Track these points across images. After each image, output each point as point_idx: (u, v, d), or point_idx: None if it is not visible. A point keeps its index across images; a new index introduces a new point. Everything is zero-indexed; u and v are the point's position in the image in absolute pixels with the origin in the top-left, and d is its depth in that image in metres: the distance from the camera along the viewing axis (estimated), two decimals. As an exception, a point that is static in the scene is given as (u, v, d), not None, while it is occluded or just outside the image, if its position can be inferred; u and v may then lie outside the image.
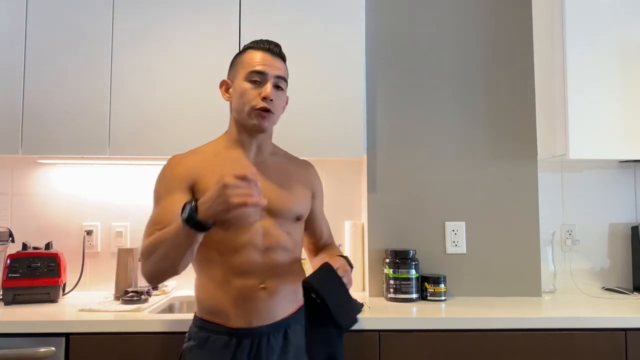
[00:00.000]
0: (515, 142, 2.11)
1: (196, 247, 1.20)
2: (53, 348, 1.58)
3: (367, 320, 1.65)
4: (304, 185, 1.48)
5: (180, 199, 1.29)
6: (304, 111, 1.95)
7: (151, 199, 1.39)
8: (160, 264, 1.22)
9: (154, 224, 1.30)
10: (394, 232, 2.08)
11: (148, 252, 1.24)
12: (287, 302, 1.37)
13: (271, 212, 1.37)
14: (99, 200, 2.22)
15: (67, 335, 1.60)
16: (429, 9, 2.16)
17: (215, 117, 1.91)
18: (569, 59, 1.94)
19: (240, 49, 1.43)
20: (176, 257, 1.20)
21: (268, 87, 1.35)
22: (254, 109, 1.35)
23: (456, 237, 2.07)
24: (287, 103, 1.49)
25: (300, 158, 1.56)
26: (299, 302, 1.40)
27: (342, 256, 1.40)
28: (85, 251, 2.17)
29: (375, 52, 2.14)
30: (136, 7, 1.95)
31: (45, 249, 1.98)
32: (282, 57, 1.42)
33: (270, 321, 1.34)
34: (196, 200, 1.15)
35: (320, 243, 1.59)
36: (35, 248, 1.97)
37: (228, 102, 1.45)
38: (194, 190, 1.34)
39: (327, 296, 1.20)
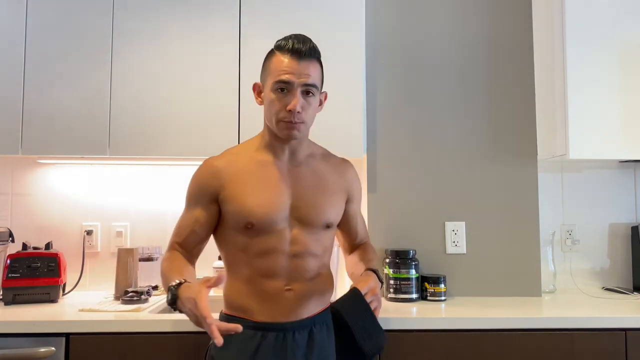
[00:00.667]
0: (515, 142, 2.11)
1: None
2: (53, 348, 1.58)
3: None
4: (339, 190, 1.44)
5: (200, 214, 1.36)
6: (304, 111, 1.95)
7: (151, 199, 1.41)
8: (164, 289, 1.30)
9: (176, 235, 1.40)
10: (394, 232, 2.08)
11: (161, 271, 1.34)
12: (313, 303, 1.37)
13: (301, 220, 1.36)
14: (99, 200, 2.22)
15: (67, 335, 1.60)
16: (429, 9, 2.16)
17: (215, 117, 1.91)
18: (569, 59, 1.94)
19: (271, 47, 1.37)
20: None
21: (294, 100, 1.29)
22: (280, 120, 1.31)
23: (456, 237, 2.07)
24: (325, 98, 1.43)
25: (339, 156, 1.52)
26: (325, 303, 1.41)
27: (373, 270, 1.40)
28: (85, 251, 2.17)
29: (376, 52, 2.14)
30: (136, 7, 1.95)
31: (45, 249, 1.98)
32: (313, 55, 1.33)
33: (296, 319, 1.34)
34: (179, 285, 1.20)
35: (355, 242, 1.57)
36: (35, 248, 1.97)
37: (260, 106, 1.41)
38: (219, 199, 1.35)
39: (352, 322, 1.22)
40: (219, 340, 1.07)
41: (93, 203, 2.21)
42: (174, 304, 1.19)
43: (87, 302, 1.88)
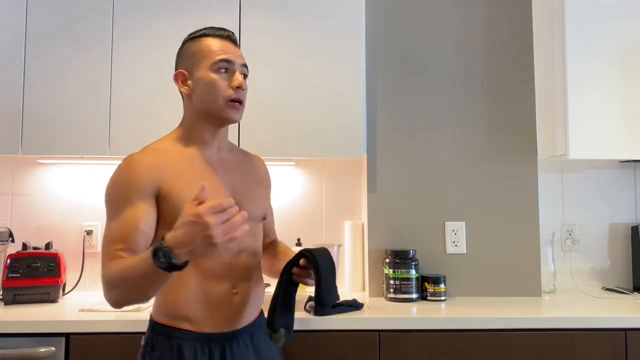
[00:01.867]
0: (515, 142, 2.11)
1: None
2: (53, 348, 1.58)
3: (367, 320, 1.65)
4: (261, 184, 1.43)
5: (144, 210, 1.19)
6: (304, 111, 1.95)
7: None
8: (130, 296, 1.12)
9: (116, 242, 1.16)
10: (394, 232, 2.08)
11: (113, 284, 1.12)
12: (253, 307, 1.32)
13: None
14: (99, 200, 2.22)
15: (67, 335, 1.60)
16: (429, 9, 2.16)
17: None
18: (569, 59, 1.94)
19: (188, 37, 1.35)
20: (151, 290, 1.10)
21: (239, 76, 1.28)
22: (227, 100, 1.27)
23: (456, 237, 2.07)
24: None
25: (250, 154, 1.50)
26: (259, 307, 1.37)
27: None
28: (85, 251, 2.17)
29: (375, 52, 2.14)
30: (136, 7, 1.95)
31: (45, 249, 1.98)
32: (238, 45, 1.35)
33: (239, 326, 1.28)
34: (162, 240, 1.03)
35: (267, 239, 1.53)
36: (35, 248, 1.97)
37: (187, 95, 1.32)
38: (158, 198, 1.22)
39: (323, 272, 1.25)
40: (244, 213, 1.01)
41: (93, 203, 2.21)
42: (172, 259, 1.01)
43: (87, 302, 1.88)
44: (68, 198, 2.21)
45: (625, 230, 2.28)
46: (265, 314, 1.34)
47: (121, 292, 1.11)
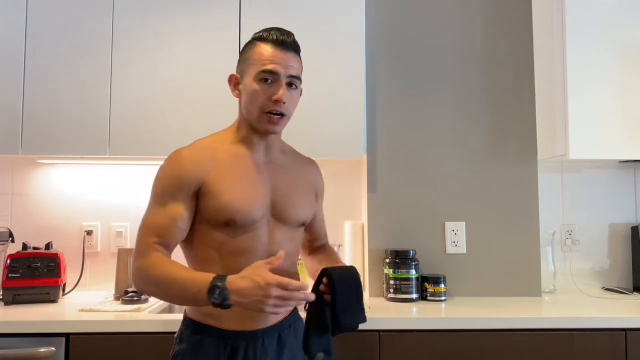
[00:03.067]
0: (515, 142, 2.11)
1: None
2: (53, 348, 1.58)
3: (367, 320, 1.65)
4: (310, 189, 1.41)
5: (184, 207, 1.24)
6: (304, 111, 1.95)
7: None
8: (161, 297, 1.23)
9: (154, 234, 1.23)
10: (394, 232, 2.08)
11: (153, 281, 1.19)
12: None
13: (279, 217, 1.31)
14: (99, 200, 2.22)
15: (67, 335, 1.60)
16: (429, 9, 2.16)
17: (215, 117, 1.91)
18: (569, 59, 1.94)
19: (251, 37, 1.33)
20: (180, 304, 1.22)
21: (281, 90, 1.24)
22: (264, 112, 1.25)
23: (456, 237, 2.07)
24: (301, 94, 1.38)
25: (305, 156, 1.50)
26: (292, 305, 1.36)
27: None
28: (85, 251, 2.17)
29: (375, 52, 2.14)
30: (136, 7, 1.95)
31: (45, 249, 1.98)
32: (296, 49, 1.30)
33: (265, 325, 1.28)
34: (223, 279, 1.11)
35: (315, 243, 1.53)
36: (35, 248, 1.97)
37: (237, 99, 1.35)
38: (199, 193, 1.25)
39: (339, 291, 1.20)
40: (312, 296, 1.09)
41: (93, 203, 2.21)
42: (225, 300, 1.09)
43: (87, 302, 1.88)
44: (68, 198, 2.21)
45: (625, 230, 2.28)
46: (300, 312, 1.33)
47: (156, 291, 1.20)
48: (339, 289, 1.20)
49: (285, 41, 1.27)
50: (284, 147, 1.43)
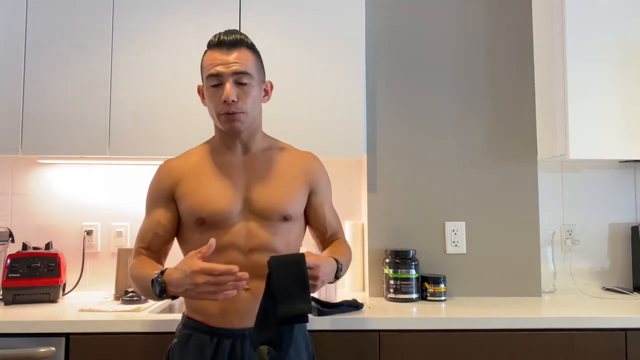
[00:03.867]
0: (515, 142, 2.11)
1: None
2: (53, 348, 1.58)
3: (367, 320, 1.65)
4: (299, 182, 1.39)
5: (161, 214, 1.36)
6: (304, 111, 1.95)
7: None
8: (142, 293, 1.29)
9: (139, 240, 1.38)
10: (394, 232, 2.08)
11: (132, 279, 1.31)
12: None
13: (256, 213, 1.32)
14: (99, 200, 2.22)
15: (67, 335, 1.60)
16: (430, 10, 2.16)
17: (215, 117, 1.91)
18: (569, 58, 1.94)
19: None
20: (151, 299, 1.25)
21: (226, 89, 1.26)
22: (219, 114, 1.30)
23: (456, 237, 2.07)
24: (271, 88, 1.41)
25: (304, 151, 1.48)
26: None
27: (336, 259, 1.32)
28: (85, 251, 2.17)
29: (375, 52, 2.14)
30: (136, 7, 1.95)
31: (45, 249, 1.98)
32: (241, 44, 1.30)
33: (251, 324, 1.26)
34: (162, 274, 1.18)
35: (326, 238, 1.49)
36: (35, 248, 1.97)
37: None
38: (175, 198, 1.36)
39: (276, 279, 1.15)
40: (245, 275, 1.11)
41: (93, 203, 2.21)
42: (163, 292, 1.17)
43: (87, 302, 1.88)
44: (68, 198, 2.21)
45: (625, 230, 2.28)
46: None
47: (137, 290, 1.30)
48: (275, 277, 1.15)
49: (223, 41, 1.29)
50: (271, 144, 1.42)
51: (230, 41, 1.29)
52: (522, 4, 2.15)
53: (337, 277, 1.32)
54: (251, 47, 1.33)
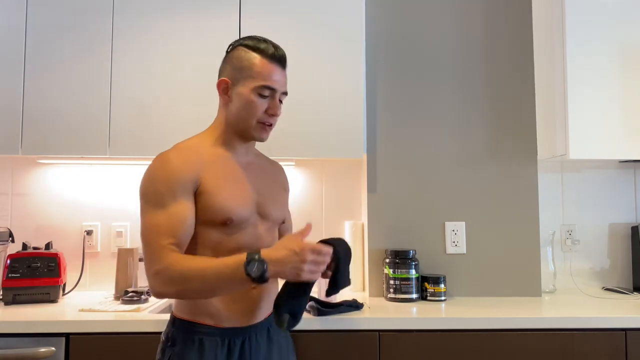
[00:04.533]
0: (515, 142, 2.11)
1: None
2: (53, 348, 1.58)
3: (367, 320, 1.65)
4: (282, 189, 1.49)
5: (189, 206, 1.24)
6: (304, 111, 1.95)
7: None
8: (196, 294, 1.21)
9: (167, 236, 1.20)
10: (394, 232, 2.08)
11: (182, 278, 1.17)
12: (270, 301, 1.36)
13: (265, 216, 1.37)
14: (99, 200, 2.22)
15: (67, 335, 1.60)
16: (430, 10, 2.16)
17: (215, 117, 1.91)
18: (569, 58, 1.94)
19: (239, 43, 1.36)
20: (222, 292, 1.24)
21: (277, 105, 1.34)
22: (259, 122, 1.33)
23: (456, 237, 2.07)
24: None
25: (274, 158, 1.58)
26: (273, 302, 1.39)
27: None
28: (85, 251, 2.17)
29: (375, 52, 2.14)
30: (136, 7, 1.95)
31: (45, 249, 1.98)
32: (286, 65, 1.39)
33: (257, 320, 1.34)
34: (258, 254, 1.16)
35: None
36: (35, 248, 1.97)
37: (224, 103, 1.37)
38: (197, 192, 1.27)
39: (343, 259, 1.31)
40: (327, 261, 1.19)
41: (93, 203, 2.21)
42: (265, 272, 1.14)
43: (87, 302, 1.88)
44: (68, 198, 2.21)
45: (625, 230, 2.28)
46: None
47: (187, 287, 1.18)
48: (342, 256, 1.31)
49: (282, 58, 1.35)
50: (256, 151, 1.50)
51: (284, 60, 1.36)
52: (522, 4, 2.15)
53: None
54: None
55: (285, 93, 1.37)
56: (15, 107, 1.91)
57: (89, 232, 2.19)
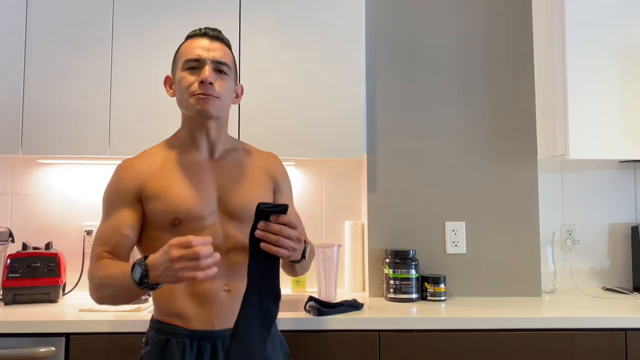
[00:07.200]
0: (515, 142, 2.11)
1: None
2: (53, 348, 1.58)
3: (367, 320, 1.65)
4: (263, 181, 1.39)
5: (128, 215, 1.27)
6: (304, 111, 1.95)
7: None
8: (108, 300, 1.22)
9: (101, 244, 1.26)
10: (394, 232, 2.08)
11: (96, 284, 1.21)
12: None
13: (229, 213, 1.31)
14: (99, 200, 2.21)
15: (67, 335, 1.60)
16: (430, 9, 2.16)
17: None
18: (569, 59, 1.94)
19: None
20: (127, 300, 1.19)
21: (205, 71, 1.26)
22: (192, 94, 1.27)
23: (456, 237, 2.07)
24: (242, 92, 1.41)
25: (265, 151, 1.47)
26: None
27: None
28: (85, 251, 2.17)
29: (376, 52, 2.14)
30: (136, 7, 1.95)
31: (45, 249, 1.98)
32: (224, 42, 1.33)
33: (231, 324, 1.25)
34: (145, 258, 1.10)
35: None
36: (35, 248, 1.97)
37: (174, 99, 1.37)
38: (142, 198, 1.28)
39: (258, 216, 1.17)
40: (216, 256, 1.05)
41: (93, 203, 2.21)
42: (145, 277, 1.08)
43: (87, 302, 1.87)
44: (68, 198, 2.21)
45: (625, 230, 2.28)
46: None
47: (102, 293, 1.21)
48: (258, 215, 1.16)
49: (207, 32, 1.31)
50: (236, 146, 1.42)
51: (214, 34, 1.31)
52: (522, 4, 2.15)
53: (303, 256, 1.28)
54: (230, 49, 1.36)
55: (222, 62, 1.29)
56: (15, 107, 1.91)
57: (89, 232, 2.19)
